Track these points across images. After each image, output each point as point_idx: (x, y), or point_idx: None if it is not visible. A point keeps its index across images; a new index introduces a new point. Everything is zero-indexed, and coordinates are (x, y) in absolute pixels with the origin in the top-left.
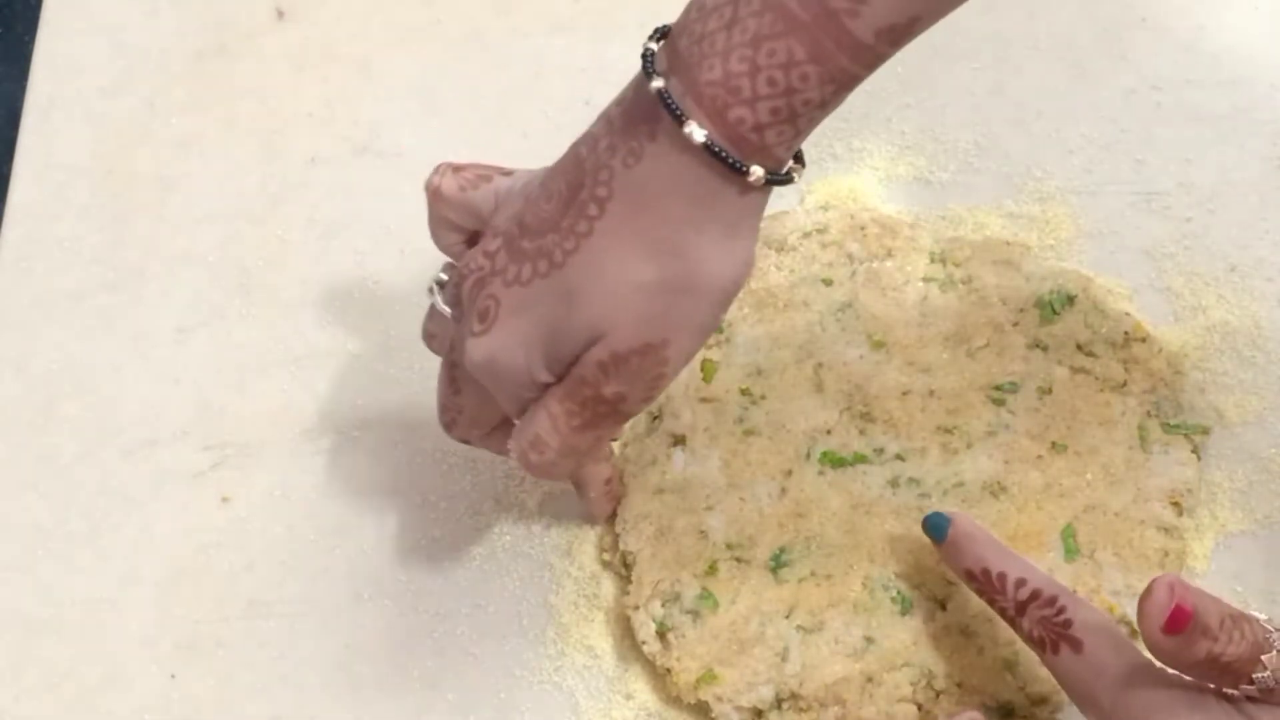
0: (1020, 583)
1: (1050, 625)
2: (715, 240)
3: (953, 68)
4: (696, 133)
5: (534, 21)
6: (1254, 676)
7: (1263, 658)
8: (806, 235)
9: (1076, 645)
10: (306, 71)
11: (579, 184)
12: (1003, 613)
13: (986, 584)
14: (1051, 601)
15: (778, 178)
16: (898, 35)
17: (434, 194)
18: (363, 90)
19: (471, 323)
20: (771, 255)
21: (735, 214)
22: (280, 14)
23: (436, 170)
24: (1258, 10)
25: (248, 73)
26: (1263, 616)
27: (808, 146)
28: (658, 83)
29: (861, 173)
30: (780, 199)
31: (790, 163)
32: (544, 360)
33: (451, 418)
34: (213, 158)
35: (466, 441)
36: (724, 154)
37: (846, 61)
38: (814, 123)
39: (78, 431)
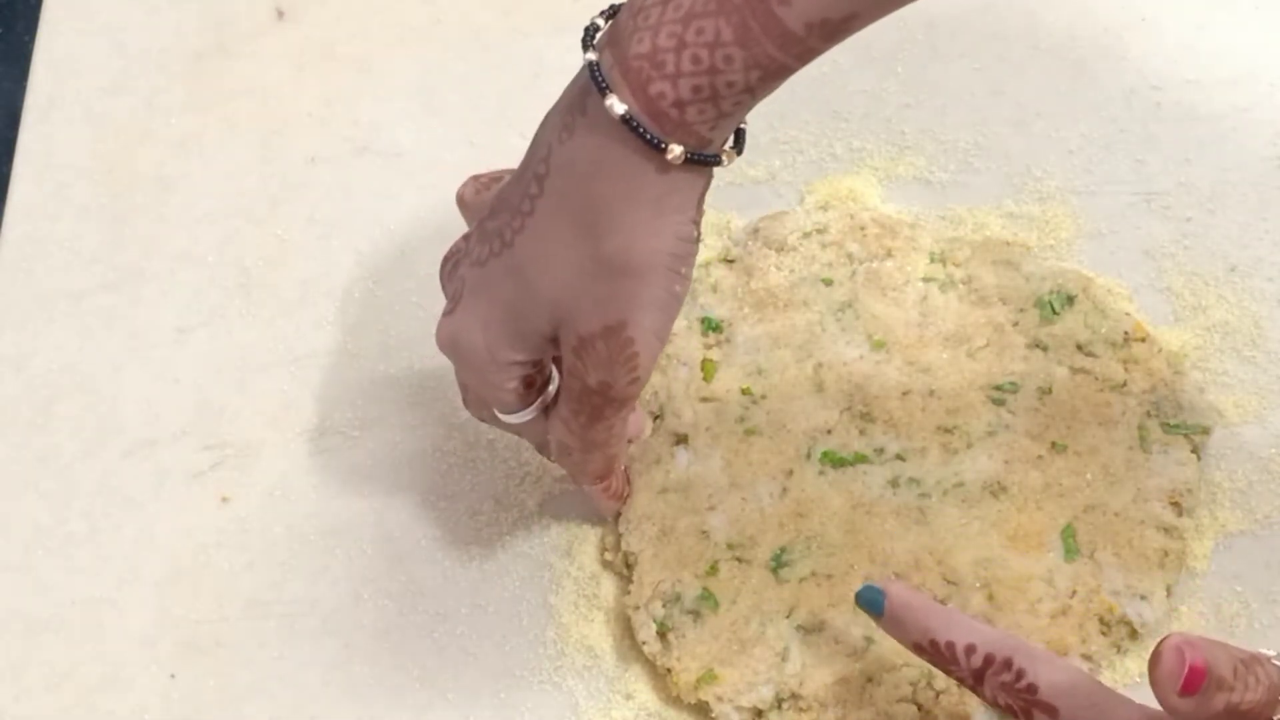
0: (970, 650)
1: (1015, 693)
2: (645, 219)
3: (952, 68)
4: (617, 105)
5: (534, 21)
6: (1273, 719)
7: None
8: (806, 235)
9: (1051, 712)
10: (306, 71)
11: (527, 162)
12: (961, 683)
13: (936, 655)
14: (1007, 665)
15: (700, 157)
16: (831, 30)
17: (459, 202)
18: (363, 90)
19: (447, 305)
20: (771, 255)
21: (660, 191)
22: (280, 14)
23: (463, 182)
24: (1258, 10)
25: (248, 73)
26: (1272, 653)
27: (808, 145)
28: (590, 55)
29: (861, 173)
30: (780, 199)
31: (722, 144)
32: (506, 339)
33: (464, 397)
34: (213, 158)
35: (487, 421)
36: (641, 129)
37: (774, 49)
38: (741, 106)
39: (78, 431)
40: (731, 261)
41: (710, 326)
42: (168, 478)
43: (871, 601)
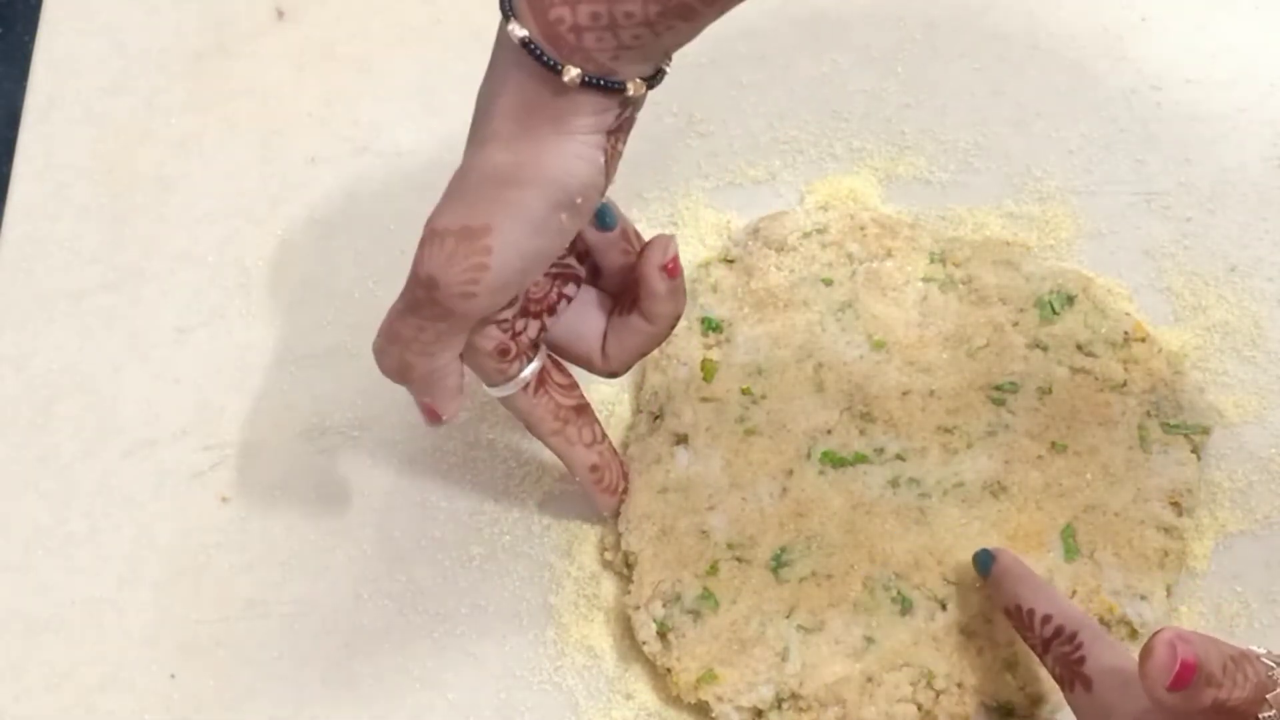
0: (1046, 619)
1: (1066, 662)
2: (544, 138)
3: (952, 68)
4: (518, 30)
5: None
6: (1260, 717)
7: (1268, 697)
8: (806, 235)
9: (1087, 683)
10: (306, 71)
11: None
12: (1033, 648)
13: (1018, 620)
14: (1071, 638)
15: (600, 81)
16: None
17: None
18: (363, 90)
19: None
20: (771, 255)
21: (558, 111)
22: (280, 14)
23: None
24: (1258, 10)
25: (248, 73)
26: (1262, 650)
27: (808, 145)
28: None
29: (861, 173)
30: (780, 199)
31: (624, 72)
32: None
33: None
34: (213, 158)
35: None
36: (538, 50)
37: None
38: (642, 41)
39: (78, 431)
40: (731, 261)
41: (710, 326)
42: (168, 478)
43: (983, 563)
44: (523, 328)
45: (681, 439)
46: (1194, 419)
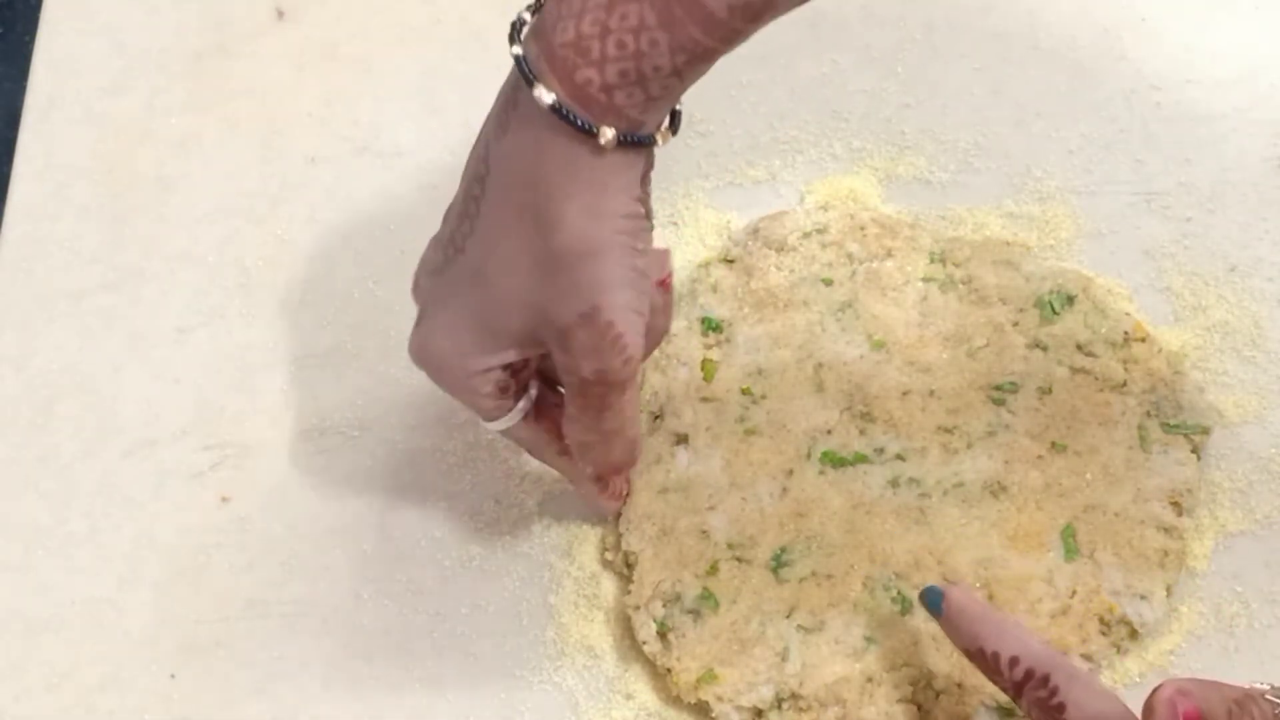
0: (1013, 661)
1: (1047, 709)
2: (588, 203)
3: (953, 68)
4: (545, 95)
5: None
6: None
7: None
8: (806, 235)
9: None
10: (306, 71)
11: (468, 164)
12: (1005, 692)
13: (982, 663)
14: (1044, 681)
15: (634, 138)
16: (755, 12)
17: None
18: (363, 90)
19: (417, 318)
20: (771, 255)
21: (598, 174)
22: (280, 14)
23: None
24: (1258, 10)
25: (248, 73)
26: (1266, 687)
27: (808, 146)
28: (516, 49)
29: (861, 173)
30: (780, 199)
31: (657, 126)
32: (475, 344)
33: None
34: (213, 158)
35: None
36: (571, 115)
37: (698, 33)
38: (670, 90)
39: (78, 431)
40: (731, 261)
41: (710, 326)
42: (168, 478)
43: (932, 603)
44: (522, 364)
45: (681, 439)
46: (1194, 419)
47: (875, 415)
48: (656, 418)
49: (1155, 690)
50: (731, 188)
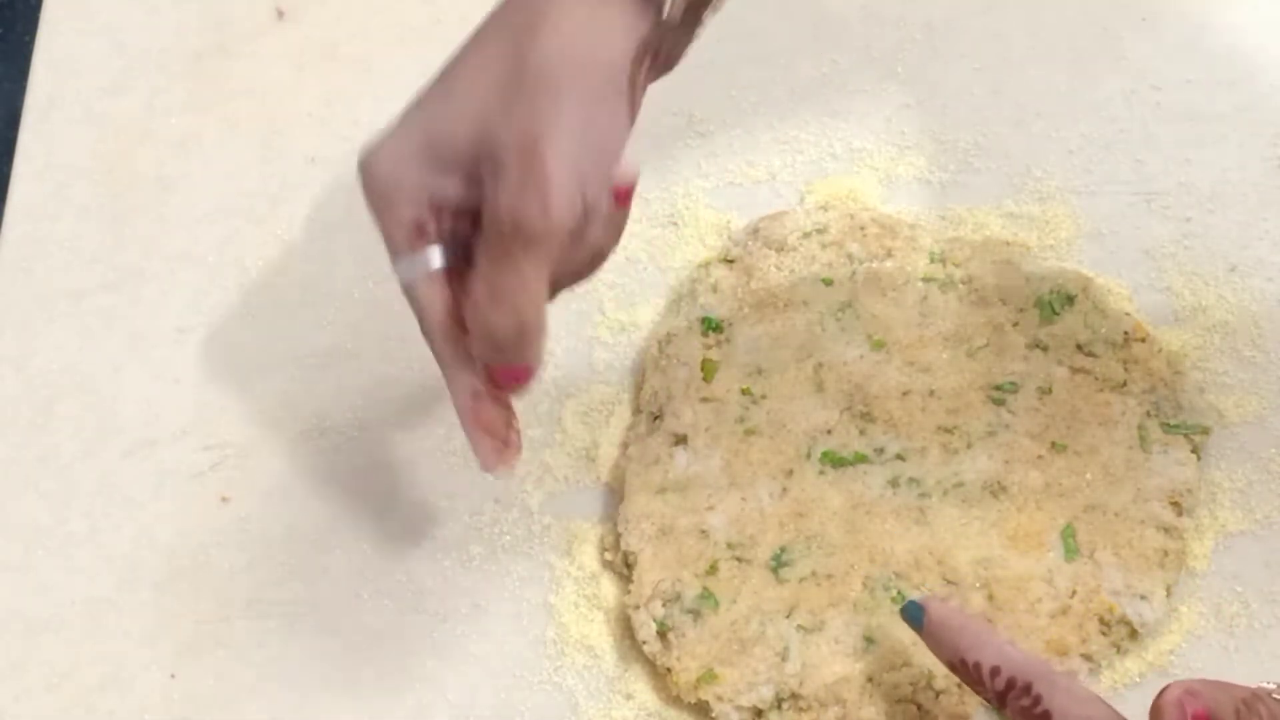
0: (995, 671)
1: (1030, 717)
2: (576, 34)
3: (953, 68)
4: None
5: None
6: None
7: None
8: (806, 235)
9: None
10: (306, 71)
11: None
12: (989, 703)
13: (964, 675)
14: (1027, 689)
15: None
16: None
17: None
18: (363, 90)
19: None
20: (771, 255)
21: (599, 14)
22: (280, 14)
23: None
24: (1258, 10)
25: (248, 73)
26: (1272, 685)
27: (808, 145)
28: None
29: (861, 173)
30: (780, 199)
31: None
32: (416, 158)
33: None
34: (213, 158)
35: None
36: None
37: None
38: None
39: (78, 431)
40: (731, 261)
41: (710, 326)
42: (168, 478)
43: (913, 617)
44: (449, 212)
45: (681, 439)
46: (1194, 419)
47: (875, 415)
48: (656, 418)
49: (1162, 692)
50: (731, 188)
